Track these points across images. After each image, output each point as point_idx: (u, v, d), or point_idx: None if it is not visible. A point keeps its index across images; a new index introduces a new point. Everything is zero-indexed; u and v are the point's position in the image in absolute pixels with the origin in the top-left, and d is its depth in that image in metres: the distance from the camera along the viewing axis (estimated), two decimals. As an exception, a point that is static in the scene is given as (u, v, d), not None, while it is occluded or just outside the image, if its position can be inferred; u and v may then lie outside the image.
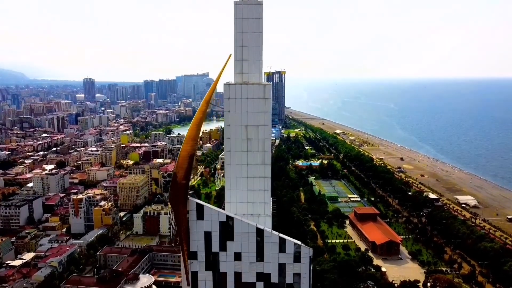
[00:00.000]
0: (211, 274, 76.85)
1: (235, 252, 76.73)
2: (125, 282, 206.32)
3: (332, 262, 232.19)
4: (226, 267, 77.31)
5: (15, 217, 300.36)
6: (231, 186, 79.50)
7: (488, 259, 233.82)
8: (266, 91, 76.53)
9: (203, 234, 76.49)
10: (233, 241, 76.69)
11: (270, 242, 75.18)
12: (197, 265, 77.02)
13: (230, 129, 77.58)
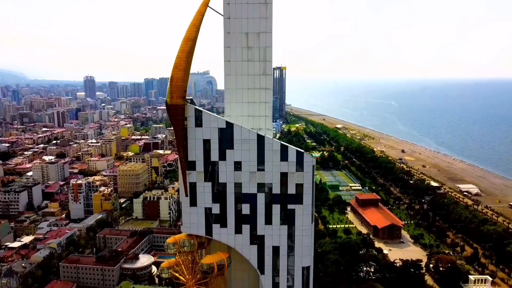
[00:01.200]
0: (210, 186, 73.02)
1: (235, 161, 72.38)
2: (125, 261, 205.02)
3: (334, 244, 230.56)
4: (226, 177, 72.90)
5: (14, 203, 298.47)
6: (231, 99, 75.41)
7: (491, 242, 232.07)
8: (267, -5, 72.20)
9: (201, 143, 71.98)
10: (233, 150, 72.09)
11: (271, 149, 71.26)
12: (196, 176, 72.88)
13: (230, 37, 73.12)
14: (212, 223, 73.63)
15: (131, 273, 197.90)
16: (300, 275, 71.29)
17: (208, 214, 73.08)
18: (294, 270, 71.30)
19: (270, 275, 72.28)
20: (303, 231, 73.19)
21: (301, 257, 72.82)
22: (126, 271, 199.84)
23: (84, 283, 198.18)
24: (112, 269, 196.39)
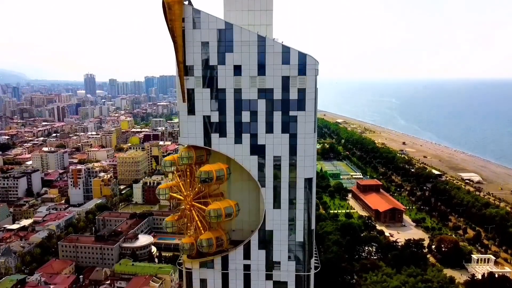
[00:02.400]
0: (208, 92, 69.11)
1: (235, 65, 68.14)
2: (124, 240, 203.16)
3: (335, 225, 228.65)
4: (225, 83, 68.86)
5: (14, 189, 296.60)
6: (230, 7, 71.34)
7: (493, 224, 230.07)
8: None
9: (199, 45, 67.63)
10: (233, 53, 67.83)
11: (272, 52, 67.11)
12: (194, 82, 68.89)
13: None
14: (211, 133, 69.56)
15: (130, 252, 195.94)
16: (303, 187, 67.96)
17: (206, 123, 69.28)
18: (296, 182, 68.16)
19: (271, 188, 68.52)
20: (306, 140, 68.82)
21: (304, 168, 68.68)
22: (125, 250, 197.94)
23: (83, 262, 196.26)
24: (111, 247, 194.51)
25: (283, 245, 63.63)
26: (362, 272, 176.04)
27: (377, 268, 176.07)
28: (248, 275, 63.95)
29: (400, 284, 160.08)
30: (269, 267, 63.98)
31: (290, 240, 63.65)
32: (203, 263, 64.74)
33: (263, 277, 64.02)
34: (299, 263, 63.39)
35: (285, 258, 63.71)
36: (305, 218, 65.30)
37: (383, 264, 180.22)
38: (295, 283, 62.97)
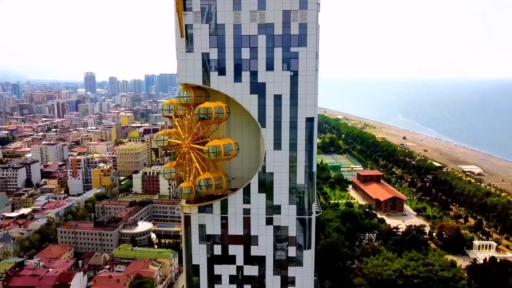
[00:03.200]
0: (207, 28, 66.07)
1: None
2: (124, 227, 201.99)
3: (335, 213, 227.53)
4: (224, 18, 65.86)
5: (13, 179, 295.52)
6: None
7: (495, 212, 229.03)
8: None
9: None
10: None
11: None
12: (192, 17, 65.95)
13: None
14: (209, 71, 67.18)
15: (129, 238, 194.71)
16: (304, 127, 65.82)
17: (205, 60, 66.83)
18: (297, 122, 66.12)
19: (271, 128, 66.17)
20: (307, 77, 66.37)
21: (305, 107, 66.24)
22: (124, 236, 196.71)
23: (82, 248, 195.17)
24: (111, 233, 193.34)
25: (283, 188, 61.99)
26: (363, 257, 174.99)
27: (377, 253, 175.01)
28: (248, 220, 62.41)
29: (401, 267, 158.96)
30: (269, 211, 62.38)
31: (291, 183, 61.92)
32: (202, 208, 62.93)
33: (263, 221, 62.48)
34: (300, 207, 61.75)
35: (286, 202, 62.05)
36: (306, 160, 63.46)
37: (384, 249, 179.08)
38: (296, 228, 61.54)
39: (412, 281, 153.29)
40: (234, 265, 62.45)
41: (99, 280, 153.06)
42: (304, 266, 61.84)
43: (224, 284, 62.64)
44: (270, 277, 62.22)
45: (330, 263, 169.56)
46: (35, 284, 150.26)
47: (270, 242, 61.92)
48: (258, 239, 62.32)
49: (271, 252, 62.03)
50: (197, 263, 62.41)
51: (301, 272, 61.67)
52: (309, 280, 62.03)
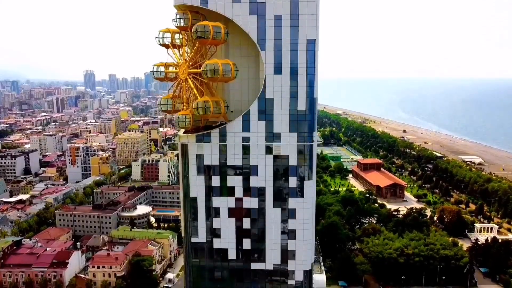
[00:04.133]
0: None
1: None
2: (122, 210, 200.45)
3: (336, 197, 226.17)
4: None
5: (11, 167, 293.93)
6: None
7: (496, 197, 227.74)
8: None
9: None
10: None
11: None
12: None
13: None
14: None
15: (128, 220, 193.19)
16: (305, 49, 62.83)
17: None
18: (298, 44, 63.18)
19: (271, 51, 62.93)
20: None
21: (306, 28, 63.08)
22: (123, 219, 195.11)
23: (80, 231, 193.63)
24: (109, 216, 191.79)
25: (283, 115, 59.83)
26: (364, 237, 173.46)
27: (378, 233, 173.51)
28: (247, 148, 60.41)
29: (402, 246, 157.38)
30: (269, 140, 60.42)
31: (291, 109, 59.91)
32: (200, 137, 60.57)
33: (263, 151, 60.44)
34: (301, 134, 59.80)
35: (286, 130, 59.91)
36: (307, 85, 61.31)
37: (385, 230, 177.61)
38: (297, 157, 59.51)
39: (413, 259, 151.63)
40: (233, 197, 60.82)
41: (97, 258, 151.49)
42: (305, 197, 60.10)
43: (223, 217, 61.02)
44: (270, 209, 60.57)
45: (330, 244, 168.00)
46: (32, 262, 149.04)
47: (270, 173, 60.08)
48: (258, 170, 60.48)
49: (271, 183, 60.26)
50: (195, 195, 60.67)
51: (301, 204, 60.00)
52: (309, 212, 60.36)
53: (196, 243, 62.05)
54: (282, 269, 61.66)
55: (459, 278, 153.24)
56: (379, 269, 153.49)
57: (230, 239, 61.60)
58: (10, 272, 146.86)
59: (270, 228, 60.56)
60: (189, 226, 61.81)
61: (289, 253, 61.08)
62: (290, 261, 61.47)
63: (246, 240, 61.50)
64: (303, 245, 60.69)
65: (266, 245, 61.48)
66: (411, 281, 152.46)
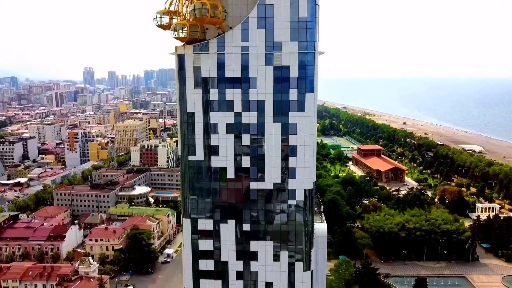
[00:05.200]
0: None
1: None
2: (121, 189, 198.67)
3: (336, 180, 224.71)
4: None
5: (9, 153, 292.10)
6: None
7: (497, 180, 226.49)
8: None
9: None
10: None
11: None
12: None
13: None
14: None
15: (126, 200, 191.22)
16: None
17: None
18: None
19: None
20: None
21: None
22: (121, 199, 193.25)
23: (78, 210, 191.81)
24: (107, 194, 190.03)
25: (284, 23, 57.33)
26: (365, 213, 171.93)
27: (379, 210, 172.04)
28: (246, 57, 58.20)
29: (403, 221, 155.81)
30: (269, 49, 58.24)
31: (292, 16, 57.49)
32: (197, 48, 57.89)
33: (262, 61, 58.07)
34: (302, 43, 57.45)
35: (287, 38, 57.35)
36: None
37: (385, 207, 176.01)
38: (298, 68, 57.39)
39: (415, 234, 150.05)
40: (232, 112, 58.87)
41: (95, 232, 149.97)
42: (306, 111, 58.19)
43: (221, 134, 59.09)
44: (270, 124, 58.69)
45: (331, 221, 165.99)
46: (29, 235, 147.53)
47: (270, 85, 58.06)
48: (257, 82, 58.27)
49: (271, 96, 58.27)
50: (192, 110, 58.77)
51: (302, 118, 58.13)
52: (311, 127, 58.51)
53: (193, 161, 60.41)
54: (283, 188, 59.99)
55: (461, 253, 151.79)
56: (380, 244, 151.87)
57: (228, 157, 59.98)
58: (6, 245, 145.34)
59: (270, 145, 58.76)
60: (186, 144, 60.04)
61: (289, 171, 59.44)
62: (290, 180, 59.80)
63: (245, 158, 59.84)
64: (304, 162, 58.87)
65: (265, 163, 59.76)
66: (412, 255, 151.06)
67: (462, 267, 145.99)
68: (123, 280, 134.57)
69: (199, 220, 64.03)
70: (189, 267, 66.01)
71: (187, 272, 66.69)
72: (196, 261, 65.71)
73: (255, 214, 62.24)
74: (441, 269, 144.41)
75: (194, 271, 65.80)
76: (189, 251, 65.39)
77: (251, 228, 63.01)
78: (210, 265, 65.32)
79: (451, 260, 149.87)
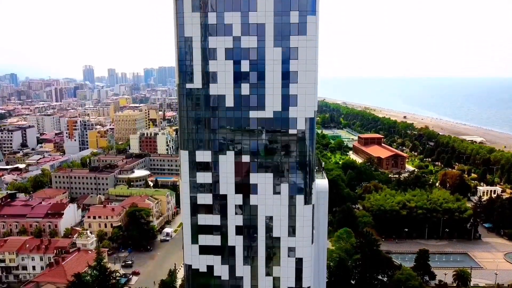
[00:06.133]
0: None
1: None
2: (120, 172, 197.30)
3: (336, 164, 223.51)
4: None
5: (8, 142, 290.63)
6: None
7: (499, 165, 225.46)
8: None
9: None
10: None
11: None
12: None
13: None
14: None
15: (125, 182, 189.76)
16: None
17: None
18: None
19: None
20: None
21: None
22: (120, 181, 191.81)
23: (77, 193, 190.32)
24: (106, 177, 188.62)
25: None
26: (366, 194, 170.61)
27: (380, 190, 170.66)
28: None
29: (404, 200, 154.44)
30: None
31: None
32: None
33: None
34: None
35: None
36: None
37: (386, 188, 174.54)
38: None
39: (416, 212, 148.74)
40: (231, 37, 56.99)
41: (93, 210, 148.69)
42: (308, 34, 56.13)
43: (220, 60, 57.22)
44: (270, 49, 56.38)
45: (332, 202, 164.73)
46: (27, 212, 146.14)
47: (270, 7, 55.08)
48: (257, 3, 54.82)
49: (271, 19, 56.18)
50: (190, 35, 56.51)
51: (304, 42, 56.20)
52: (313, 51, 56.46)
53: (191, 89, 58.57)
54: (283, 117, 58.33)
55: (463, 231, 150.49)
56: (381, 223, 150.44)
57: (227, 84, 58.27)
58: (4, 222, 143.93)
59: (270, 71, 56.98)
60: (183, 71, 58.27)
61: (290, 99, 57.67)
62: (291, 108, 58.13)
63: (244, 85, 58.06)
64: (306, 88, 57.10)
65: (265, 91, 58.04)
66: (413, 234, 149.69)
67: (464, 245, 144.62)
68: (122, 257, 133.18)
69: (197, 152, 62.06)
70: (187, 202, 64.17)
71: (185, 207, 64.78)
72: (194, 196, 63.75)
73: (254, 145, 60.67)
74: (443, 247, 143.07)
75: (192, 205, 64.03)
76: (187, 185, 63.44)
77: (251, 159, 61.21)
78: (209, 199, 63.47)
79: (453, 238, 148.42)
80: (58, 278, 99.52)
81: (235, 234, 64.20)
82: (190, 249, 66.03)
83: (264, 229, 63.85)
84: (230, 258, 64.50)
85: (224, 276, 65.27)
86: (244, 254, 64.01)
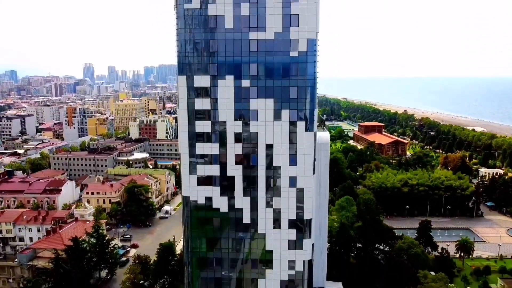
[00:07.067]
0: None
1: None
2: (119, 155, 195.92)
3: (337, 149, 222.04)
4: None
5: (7, 129, 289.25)
6: None
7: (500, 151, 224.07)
8: None
9: None
10: None
11: None
12: None
13: None
14: None
15: (124, 164, 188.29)
16: None
17: None
18: None
19: None
20: None
21: None
22: (119, 163, 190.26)
23: (76, 174, 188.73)
24: (105, 158, 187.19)
25: None
26: (367, 173, 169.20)
27: (381, 169, 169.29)
28: None
29: (406, 178, 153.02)
30: None
31: None
32: None
33: None
34: None
35: None
36: None
37: (388, 167, 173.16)
38: None
39: (418, 189, 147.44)
40: None
41: (92, 186, 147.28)
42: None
43: None
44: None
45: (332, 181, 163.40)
46: (25, 188, 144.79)
47: None
48: None
49: None
50: None
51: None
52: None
53: (189, 10, 55.26)
54: (284, 38, 56.42)
55: (465, 209, 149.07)
56: (382, 200, 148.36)
57: (226, 3, 54.53)
58: (1, 198, 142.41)
59: None
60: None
61: (291, 18, 55.80)
62: (292, 28, 56.24)
63: (244, 4, 54.00)
64: (307, 8, 55.20)
65: (266, 10, 55.91)
66: (415, 211, 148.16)
67: (467, 221, 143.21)
68: (121, 232, 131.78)
69: (195, 77, 60.04)
70: (185, 130, 62.07)
71: (183, 135, 62.46)
72: (192, 123, 61.56)
73: (254, 68, 58.91)
74: (445, 223, 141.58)
75: (190, 133, 62.01)
76: (185, 111, 61.40)
77: (251, 84, 59.36)
78: (207, 127, 61.45)
79: (455, 216, 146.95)
80: (55, 244, 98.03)
81: (234, 164, 62.19)
82: (188, 180, 64.00)
83: (264, 158, 61.72)
84: (229, 189, 62.70)
85: (223, 208, 63.52)
86: (243, 184, 62.16)
